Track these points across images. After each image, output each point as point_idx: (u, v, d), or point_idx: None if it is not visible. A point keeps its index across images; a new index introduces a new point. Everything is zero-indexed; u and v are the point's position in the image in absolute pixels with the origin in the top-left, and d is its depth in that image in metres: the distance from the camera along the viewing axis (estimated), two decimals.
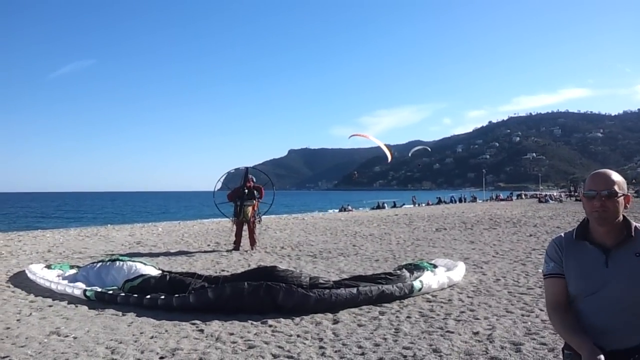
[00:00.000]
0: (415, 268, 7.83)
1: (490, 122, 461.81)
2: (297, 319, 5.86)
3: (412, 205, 50.85)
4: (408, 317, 5.90)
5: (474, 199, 62.47)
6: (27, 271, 9.08)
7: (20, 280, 8.75)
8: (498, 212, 28.58)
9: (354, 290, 6.42)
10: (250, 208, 13.15)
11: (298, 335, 5.23)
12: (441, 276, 7.60)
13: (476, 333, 5.15)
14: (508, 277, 8.35)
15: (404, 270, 7.61)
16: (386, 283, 6.81)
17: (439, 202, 56.81)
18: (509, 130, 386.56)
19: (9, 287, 8.25)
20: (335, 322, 5.74)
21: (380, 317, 5.93)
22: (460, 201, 59.35)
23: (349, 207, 46.35)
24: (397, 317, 5.91)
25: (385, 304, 6.48)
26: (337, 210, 45.56)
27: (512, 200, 60.11)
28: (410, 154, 27.12)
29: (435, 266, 8.39)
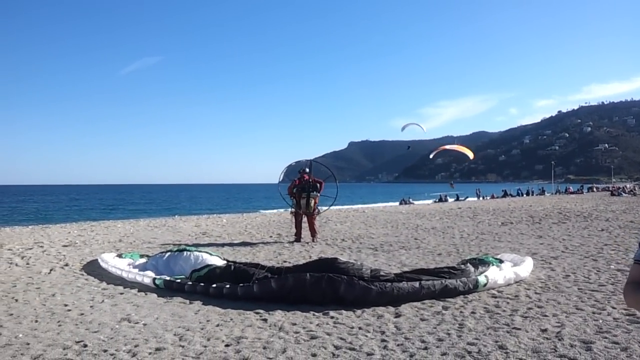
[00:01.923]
0: (480, 263, 7.64)
1: (559, 111, 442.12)
2: (359, 312, 5.85)
3: (476, 199, 49.66)
4: (472, 312, 5.77)
5: (542, 192, 60.22)
6: (99, 260, 9.52)
7: (93, 269, 9.19)
8: (568, 205, 27.46)
9: (416, 284, 6.34)
10: (312, 200, 13.15)
11: (360, 328, 5.22)
12: (507, 271, 7.38)
13: (544, 330, 4.98)
14: (578, 273, 8.01)
15: (468, 264, 7.44)
16: (450, 277, 6.68)
17: (505, 195, 55.10)
18: (579, 120, 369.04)
19: (82, 275, 8.67)
20: (397, 315, 5.69)
21: (444, 311, 5.83)
22: (528, 194, 57.34)
23: (410, 200, 45.82)
24: (461, 312, 5.80)
25: (449, 299, 6.36)
26: (397, 203, 45.15)
27: (582, 193, 57.55)
28: (402, 130, 24.99)
29: (501, 261, 8.15)
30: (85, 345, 4.74)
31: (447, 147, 26.97)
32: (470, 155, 26.86)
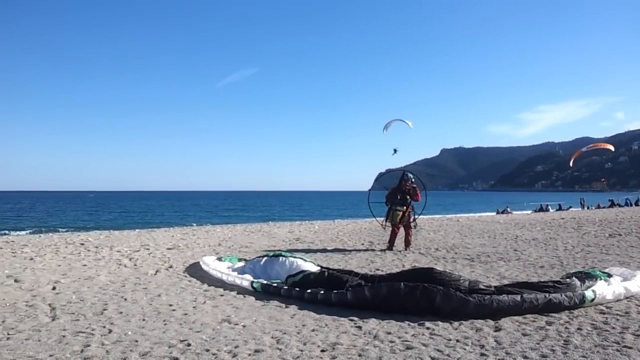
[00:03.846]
0: (586, 277, 7.19)
1: None
2: (456, 324, 5.70)
3: (580, 208, 46.83)
4: (579, 328, 5.44)
5: None
6: (201, 262, 9.98)
7: (195, 271, 9.64)
8: None
9: (518, 297, 6.07)
10: (400, 213, 12.98)
11: (457, 340, 5.07)
12: (617, 286, 6.89)
13: None
14: None
15: (573, 278, 7.03)
16: (554, 291, 6.33)
17: (612, 205, 51.45)
18: None
19: (185, 276, 9.13)
20: (497, 329, 5.48)
21: (548, 327, 5.54)
22: (637, 204, 53.28)
23: (508, 209, 44.04)
24: (566, 328, 5.49)
25: (553, 314, 6.04)
26: (494, 213, 43.54)
27: None
28: (384, 130, 16.42)
29: (609, 275, 7.63)
30: (189, 344, 4.97)
31: (584, 149, 26.76)
32: (611, 147, 28.16)
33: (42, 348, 4.89)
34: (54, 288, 7.94)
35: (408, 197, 13.02)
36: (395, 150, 16.08)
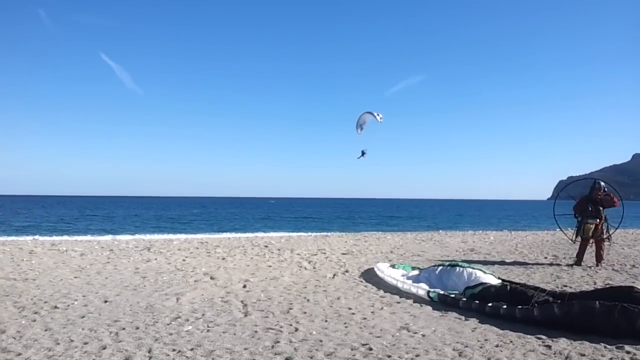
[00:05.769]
0: None
1: None
2: None
3: None
4: None
5: None
6: (375, 268, 10.14)
7: (370, 277, 9.83)
8: None
9: None
10: (592, 226, 11.78)
11: None
12: None
13: None
14: None
15: None
16: None
17: None
18: None
19: (361, 281, 9.35)
20: None
21: None
22: None
23: None
24: None
25: None
26: None
27: None
28: (358, 129, 13.13)
29: None
30: (371, 349, 5.07)
31: None
32: None
33: (237, 341, 5.35)
34: (244, 286, 8.66)
35: (601, 207, 11.77)
36: (363, 153, 13.85)
